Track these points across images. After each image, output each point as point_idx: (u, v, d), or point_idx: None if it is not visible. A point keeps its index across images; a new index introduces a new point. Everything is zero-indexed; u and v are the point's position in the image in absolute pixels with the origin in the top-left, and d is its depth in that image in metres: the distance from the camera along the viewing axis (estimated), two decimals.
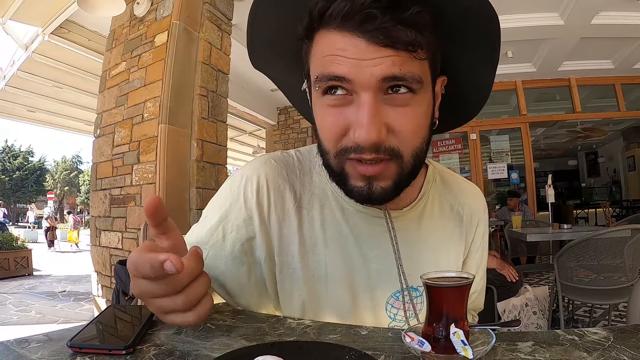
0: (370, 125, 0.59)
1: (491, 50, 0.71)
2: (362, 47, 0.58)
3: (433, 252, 0.82)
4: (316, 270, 0.78)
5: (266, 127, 9.43)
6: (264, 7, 0.69)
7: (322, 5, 0.60)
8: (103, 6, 3.67)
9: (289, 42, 0.70)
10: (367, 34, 0.57)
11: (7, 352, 0.59)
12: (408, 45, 0.58)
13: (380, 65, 0.58)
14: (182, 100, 3.65)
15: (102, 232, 4.08)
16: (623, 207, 12.00)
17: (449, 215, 0.86)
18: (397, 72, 0.58)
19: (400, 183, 0.66)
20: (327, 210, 0.80)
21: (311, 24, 0.63)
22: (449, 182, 0.90)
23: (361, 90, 0.60)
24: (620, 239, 2.94)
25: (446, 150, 8.15)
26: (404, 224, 0.81)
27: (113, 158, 4.01)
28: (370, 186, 0.65)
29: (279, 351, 0.58)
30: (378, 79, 0.58)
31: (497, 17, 0.66)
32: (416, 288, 0.80)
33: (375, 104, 0.60)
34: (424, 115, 0.65)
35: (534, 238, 4.17)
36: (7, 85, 7.14)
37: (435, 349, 0.57)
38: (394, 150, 0.63)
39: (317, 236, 0.79)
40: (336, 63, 0.60)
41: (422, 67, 0.62)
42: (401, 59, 0.59)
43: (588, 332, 0.62)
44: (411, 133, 0.63)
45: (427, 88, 0.64)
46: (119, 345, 0.59)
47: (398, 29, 0.57)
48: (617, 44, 6.34)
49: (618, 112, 7.62)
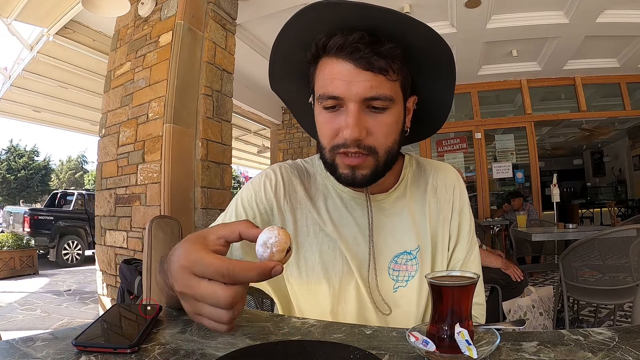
0: (354, 126, 0.82)
1: (447, 74, 0.94)
2: (351, 69, 0.82)
3: (417, 222, 1.02)
4: (329, 245, 0.98)
5: (271, 126, 9.43)
6: (286, 37, 0.91)
7: (325, 40, 0.84)
8: (107, 6, 3.67)
9: (301, 66, 0.93)
10: (355, 60, 0.82)
11: (12, 350, 0.59)
12: (382, 70, 0.82)
13: (362, 87, 0.82)
14: (186, 99, 3.66)
15: (107, 232, 4.10)
16: (628, 206, 11.92)
17: (425, 190, 1.06)
18: (374, 93, 0.82)
19: (376, 173, 0.89)
20: (329, 200, 1.02)
21: (317, 52, 0.87)
22: (422, 164, 1.12)
23: (349, 102, 0.83)
24: (626, 239, 2.92)
25: (451, 150, 8.14)
26: (389, 203, 1.02)
27: (118, 158, 4.02)
28: (353, 174, 0.88)
29: (284, 350, 0.58)
30: (361, 96, 0.82)
31: (450, 49, 0.88)
32: (409, 252, 0.99)
33: (358, 112, 0.83)
34: (395, 124, 0.88)
35: (539, 238, 4.16)
36: (13, 86, 7.16)
37: (440, 348, 0.57)
38: (371, 147, 0.86)
39: (325, 219, 0.99)
40: (333, 85, 0.83)
41: (393, 87, 0.85)
42: (377, 81, 0.82)
43: (593, 332, 0.62)
44: (384, 135, 0.87)
45: (398, 103, 0.88)
46: (124, 344, 0.59)
47: (375, 58, 0.81)
48: (623, 43, 6.30)
49: (623, 111, 7.57)
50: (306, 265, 0.98)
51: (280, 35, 0.92)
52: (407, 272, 0.98)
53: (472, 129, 7.91)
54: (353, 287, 0.96)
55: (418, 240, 1.00)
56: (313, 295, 0.97)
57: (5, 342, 0.62)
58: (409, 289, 0.97)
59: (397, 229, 1.00)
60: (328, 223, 0.99)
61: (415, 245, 0.99)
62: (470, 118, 8.02)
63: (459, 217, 1.05)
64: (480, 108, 7.94)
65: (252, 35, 5.71)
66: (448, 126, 8.37)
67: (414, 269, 0.98)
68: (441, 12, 5.18)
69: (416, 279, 0.97)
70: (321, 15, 0.85)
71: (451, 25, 5.39)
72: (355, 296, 0.96)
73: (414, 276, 0.98)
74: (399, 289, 0.97)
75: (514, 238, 4.79)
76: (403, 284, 0.98)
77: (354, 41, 0.81)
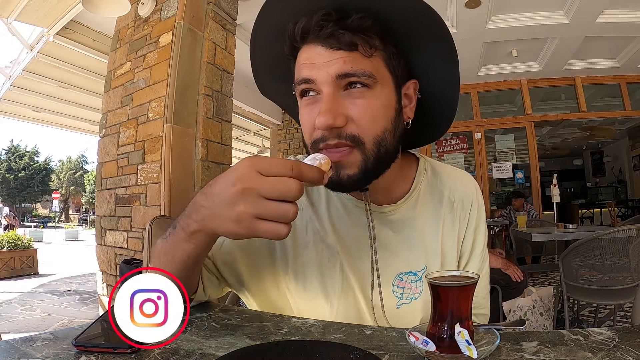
0: (326, 111, 0.72)
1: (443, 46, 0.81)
2: (321, 52, 0.74)
3: (427, 239, 0.92)
4: (330, 257, 0.89)
5: (271, 126, 9.43)
6: (260, 38, 0.86)
7: (292, 28, 0.77)
8: (107, 6, 3.68)
9: (283, 64, 0.85)
10: (323, 41, 0.74)
11: (12, 350, 0.59)
12: (351, 45, 0.73)
13: (334, 65, 0.73)
14: (187, 100, 3.66)
15: (107, 232, 4.10)
16: (628, 206, 11.93)
17: (440, 202, 0.95)
18: (349, 69, 0.73)
19: (366, 171, 0.76)
20: (332, 207, 0.92)
21: (291, 44, 0.80)
22: (439, 172, 0.99)
23: (322, 86, 0.74)
24: (626, 239, 2.92)
25: (451, 150, 8.13)
26: (398, 215, 0.91)
27: (118, 158, 4.02)
28: (338, 174, 0.75)
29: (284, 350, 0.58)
30: (333, 76, 0.73)
31: (439, 17, 0.78)
32: (414, 272, 0.90)
33: (332, 96, 0.74)
34: (382, 107, 0.77)
35: (539, 238, 4.16)
36: (13, 86, 7.16)
37: (440, 348, 0.57)
38: (354, 136, 0.74)
39: (327, 228, 0.90)
40: (304, 69, 0.76)
41: (374, 64, 0.75)
42: (352, 58, 0.73)
43: (593, 333, 0.62)
44: (368, 121, 0.75)
45: (384, 84, 0.77)
46: (124, 344, 0.59)
47: (341, 32, 0.73)
48: (623, 43, 6.30)
49: (624, 112, 7.57)
50: (304, 279, 0.89)
51: (253, 32, 0.86)
52: (412, 291, 0.90)
53: (472, 129, 7.91)
54: (353, 304, 0.89)
55: (426, 260, 0.90)
56: (313, 308, 0.90)
57: (5, 342, 0.63)
58: (413, 307, 0.90)
59: (404, 245, 0.91)
60: (330, 232, 0.90)
61: (422, 265, 0.90)
62: (470, 118, 8.02)
63: (473, 235, 0.96)
64: (480, 108, 7.94)
65: None
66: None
67: (418, 291, 0.90)
68: (441, 12, 5.05)
69: (420, 300, 0.90)
70: (287, 5, 0.79)
71: (451, 25, 5.39)
72: (355, 313, 0.89)
73: (417, 298, 0.90)
74: (402, 306, 0.90)
75: (514, 238, 4.80)
76: (407, 302, 0.90)
77: (319, 19, 0.73)
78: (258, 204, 0.57)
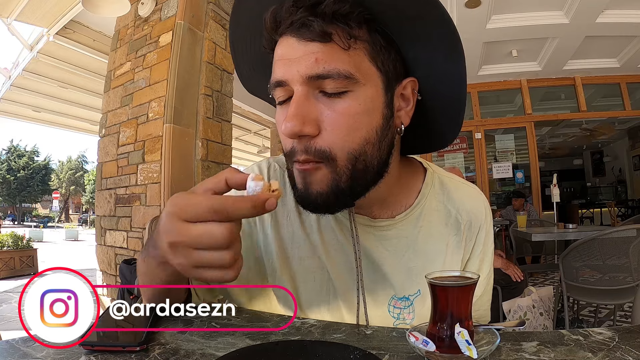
0: (293, 116, 0.61)
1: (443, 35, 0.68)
2: (294, 45, 0.63)
3: (426, 261, 0.81)
4: (315, 276, 0.80)
5: (271, 126, 9.43)
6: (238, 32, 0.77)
7: (267, 17, 0.66)
8: (107, 6, 3.68)
9: (265, 58, 0.72)
10: (296, 32, 0.62)
11: (12, 350, 0.59)
12: (325, 34, 0.61)
13: (304, 62, 0.61)
14: (186, 100, 3.65)
15: (107, 232, 4.10)
16: (628, 206, 11.92)
17: (446, 222, 0.84)
18: (321, 70, 0.61)
19: (337, 190, 0.65)
20: (322, 217, 0.81)
21: (269, 37, 0.68)
22: (448, 186, 0.87)
23: (293, 86, 0.63)
24: (626, 239, 2.92)
25: (451, 150, 8.12)
26: (395, 232, 0.81)
27: (118, 158, 4.02)
28: (306, 189, 0.66)
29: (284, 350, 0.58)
30: (303, 76, 0.62)
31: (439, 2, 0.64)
32: (407, 297, 0.81)
33: (302, 98, 0.62)
34: (363, 113, 0.64)
35: (539, 238, 4.16)
36: (13, 86, 7.17)
37: (440, 348, 0.57)
38: (324, 152, 0.63)
39: (316, 241, 0.80)
40: (277, 67, 0.65)
41: (353, 58, 0.63)
42: (325, 53, 0.61)
43: (593, 332, 0.62)
44: (343, 132, 0.63)
45: (367, 84, 0.64)
46: (132, 342, 0.59)
47: (311, 19, 0.61)
48: (623, 43, 6.30)
49: (624, 111, 7.57)
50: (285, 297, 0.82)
51: (230, 30, 0.78)
52: (408, 316, 0.81)
53: (472, 129, 7.90)
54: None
55: (421, 284, 0.80)
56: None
57: (5, 342, 0.62)
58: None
59: (401, 267, 0.80)
60: (318, 245, 0.80)
61: (416, 289, 0.80)
62: (470, 118, 8.01)
63: (479, 260, 0.86)
64: (480, 108, 7.93)
65: None
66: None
67: (411, 318, 0.80)
68: None
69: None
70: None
71: None
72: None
73: (408, 322, 0.80)
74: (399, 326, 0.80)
75: (514, 238, 4.79)
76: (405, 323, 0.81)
77: (289, 7, 0.63)
78: (190, 257, 0.52)
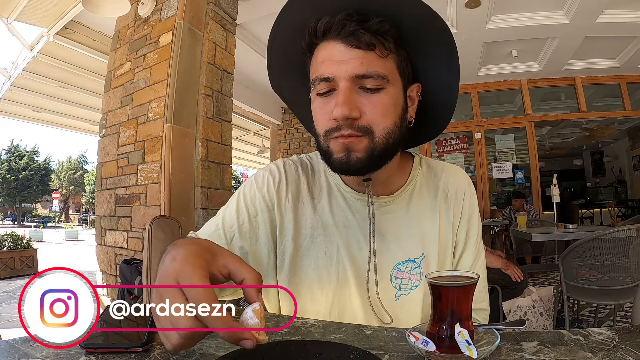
0: (343, 103, 0.78)
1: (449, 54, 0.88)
2: (341, 49, 0.80)
3: (424, 228, 0.97)
4: (326, 250, 0.94)
5: (271, 126, 9.44)
6: (279, 31, 0.90)
7: (314, 24, 0.82)
8: (108, 6, 3.68)
9: (298, 58, 0.91)
10: (344, 39, 0.80)
11: (12, 350, 0.59)
12: (370, 45, 0.79)
13: (351, 64, 0.79)
14: (187, 100, 3.66)
15: (107, 232, 4.10)
16: (628, 206, 11.92)
17: (435, 194, 1.01)
18: (365, 70, 0.79)
19: (372, 157, 0.82)
20: (333, 199, 0.98)
21: (309, 40, 0.85)
22: (433, 166, 1.06)
23: (339, 82, 0.80)
24: (626, 239, 2.92)
25: (451, 150, 8.13)
26: (394, 206, 0.97)
27: (118, 158, 4.02)
28: (348, 156, 0.82)
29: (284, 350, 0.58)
30: (351, 74, 0.79)
31: (446, 27, 0.84)
32: (413, 260, 0.94)
33: (349, 90, 0.79)
34: (392, 105, 0.83)
35: (539, 238, 4.16)
36: (13, 86, 7.17)
37: (440, 348, 0.57)
38: (366, 127, 0.81)
39: (328, 220, 0.95)
40: (324, 66, 0.81)
41: (386, 66, 0.82)
42: (368, 59, 0.79)
43: (593, 333, 0.62)
44: (380, 115, 0.81)
45: (394, 84, 0.84)
46: (135, 343, 0.59)
47: (362, 32, 0.79)
48: (623, 43, 6.30)
49: (624, 112, 7.57)
50: (301, 270, 0.94)
51: (274, 26, 0.90)
52: (411, 281, 0.93)
53: (472, 129, 7.91)
54: (348, 297, 0.92)
55: (424, 248, 0.95)
56: (308, 301, 0.93)
57: (5, 342, 0.63)
58: (412, 298, 0.92)
59: (402, 234, 0.95)
60: (330, 224, 0.95)
61: (420, 253, 0.94)
62: (470, 118, 8.02)
63: (467, 224, 1.01)
64: (480, 108, 7.94)
65: (252, 35, 5.71)
66: (448, 126, 8.33)
67: (418, 279, 0.93)
68: (441, 12, 5.05)
69: (420, 289, 0.93)
70: (310, 2, 0.84)
71: (451, 25, 5.38)
72: (351, 306, 0.92)
73: (417, 285, 0.93)
74: (401, 297, 0.92)
75: (514, 238, 4.79)
76: (406, 293, 0.93)
77: (342, 19, 0.79)
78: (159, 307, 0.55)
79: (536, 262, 6.01)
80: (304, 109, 0.96)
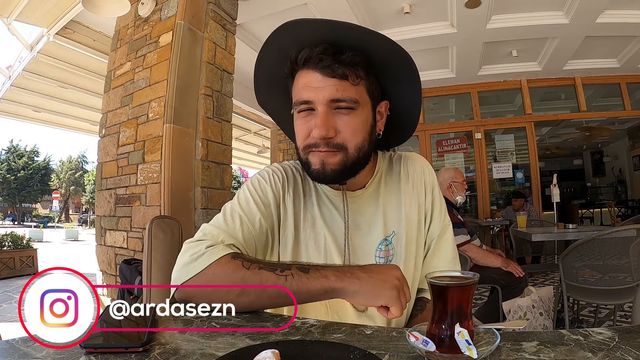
0: (321, 125, 0.95)
1: (411, 79, 1.05)
2: (319, 77, 0.95)
3: (391, 210, 1.13)
4: (314, 241, 1.09)
5: (271, 126, 9.44)
6: (265, 57, 1.05)
7: (295, 54, 0.98)
8: (108, 6, 3.67)
9: (281, 81, 1.06)
10: (321, 69, 0.95)
11: (12, 350, 0.59)
12: (344, 76, 0.95)
13: (328, 90, 0.94)
14: (187, 100, 3.65)
15: (107, 232, 4.10)
16: (628, 206, 11.91)
17: (398, 179, 1.16)
18: (340, 95, 0.95)
19: (345, 168, 0.99)
20: (319, 198, 1.13)
21: (291, 67, 1.00)
22: (393, 158, 1.22)
23: (318, 106, 0.96)
24: (626, 239, 2.92)
25: (451, 150, 8.13)
26: (366, 197, 1.13)
27: (118, 158, 4.02)
28: (324, 167, 0.98)
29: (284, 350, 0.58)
30: (327, 99, 0.95)
31: (408, 56, 0.99)
32: (386, 238, 1.10)
33: (325, 114, 0.95)
34: (362, 124, 0.99)
35: (539, 238, 4.16)
36: (13, 86, 7.17)
37: (440, 348, 0.57)
38: (340, 144, 0.97)
39: (316, 215, 1.11)
40: (304, 91, 0.97)
41: (358, 91, 0.97)
42: (342, 86, 0.95)
43: (593, 332, 0.62)
44: (351, 133, 0.98)
45: (365, 106, 1.00)
46: (135, 343, 0.59)
47: (337, 66, 0.94)
48: (623, 43, 6.30)
49: (624, 112, 7.57)
50: (299, 257, 1.08)
51: (259, 55, 1.05)
52: (389, 255, 1.09)
53: (472, 129, 7.91)
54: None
55: (393, 226, 1.10)
56: None
57: (5, 342, 0.63)
58: None
59: (375, 219, 1.11)
60: (318, 219, 1.10)
61: (391, 231, 1.10)
62: (470, 118, 8.02)
63: (431, 195, 1.16)
64: (480, 108, 7.94)
65: (252, 35, 5.71)
66: (448, 126, 8.37)
67: (391, 254, 1.09)
68: (441, 12, 5.19)
69: (396, 260, 1.09)
70: (292, 34, 0.97)
71: (451, 25, 5.40)
72: None
73: (391, 260, 1.09)
74: None
75: (514, 238, 4.79)
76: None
77: (319, 52, 0.94)
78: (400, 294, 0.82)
79: (536, 262, 6.02)
80: (286, 123, 1.15)
